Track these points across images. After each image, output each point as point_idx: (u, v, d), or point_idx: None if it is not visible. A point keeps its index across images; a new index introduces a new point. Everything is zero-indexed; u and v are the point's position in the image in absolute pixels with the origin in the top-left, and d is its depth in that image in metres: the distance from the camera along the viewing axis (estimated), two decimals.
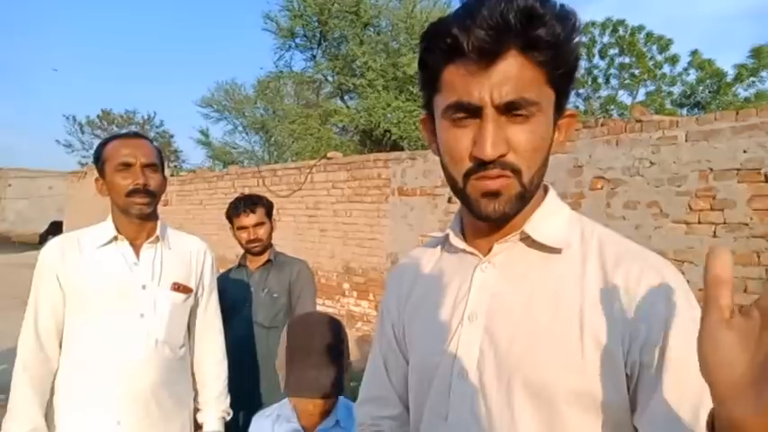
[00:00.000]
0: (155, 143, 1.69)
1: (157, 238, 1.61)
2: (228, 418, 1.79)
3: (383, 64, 13.61)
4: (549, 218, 0.79)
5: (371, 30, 14.75)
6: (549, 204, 0.81)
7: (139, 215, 1.53)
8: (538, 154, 0.72)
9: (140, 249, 1.58)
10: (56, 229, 20.97)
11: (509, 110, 0.69)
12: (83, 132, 26.43)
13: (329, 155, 7.59)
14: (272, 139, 24.15)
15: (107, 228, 1.57)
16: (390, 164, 6.59)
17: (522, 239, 0.78)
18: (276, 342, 2.32)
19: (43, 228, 22.85)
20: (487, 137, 0.68)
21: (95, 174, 1.62)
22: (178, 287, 1.61)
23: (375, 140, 13.45)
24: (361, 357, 5.87)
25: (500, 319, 0.76)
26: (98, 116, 26.60)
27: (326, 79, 15.58)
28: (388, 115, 13.00)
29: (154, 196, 1.54)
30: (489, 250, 0.80)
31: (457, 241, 0.84)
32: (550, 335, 0.72)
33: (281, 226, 8.45)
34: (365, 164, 6.94)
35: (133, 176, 1.49)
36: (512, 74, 0.67)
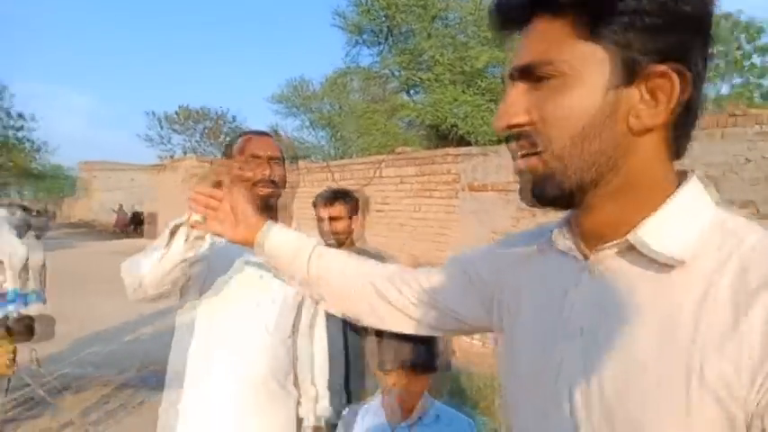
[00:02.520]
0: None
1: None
2: (328, 415, 1.83)
3: (450, 58, 13.46)
4: (675, 221, 0.62)
5: (439, 23, 14.62)
6: (679, 204, 0.62)
7: (262, 205, 1.56)
8: (565, 124, 0.60)
9: None
10: (136, 219, 22.37)
11: (529, 74, 0.62)
12: (162, 127, 27.93)
13: (398, 150, 7.62)
14: (339, 134, 24.54)
15: None
16: (461, 159, 6.53)
17: (628, 247, 0.64)
18: (357, 338, 2.38)
19: (126, 218, 24.26)
20: (499, 107, 0.64)
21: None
22: None
23: (441, 135, 13.36)
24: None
25: (600, 340, 0.64)
26: (176, 112, 28.03)
27: (393, 74, 15.62)
28: (455, 110, 12.87)
29: (277, 187, 1.62)
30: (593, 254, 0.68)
31: (560, 240, 0.73)
32: (653, 374, 0.58)
33: None
34: (435, 159, 6.92)
35: (260, 168, 1.58)
36: (533, 38, 0.62)
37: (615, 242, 0.64)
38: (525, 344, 0.76)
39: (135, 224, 22.18)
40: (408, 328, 0.95)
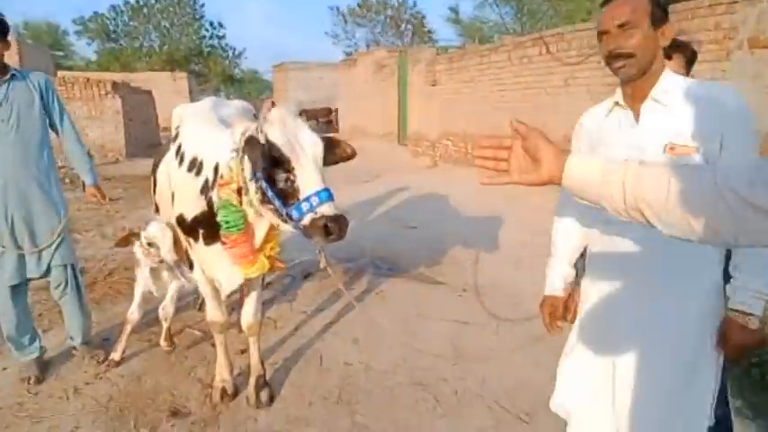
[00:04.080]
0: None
1: (652, 98, 1.48)
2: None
3: None
4: None
5: None
6: None
7: (625, 78, 1.47)
8: None
9: (639, 111, 1.50)
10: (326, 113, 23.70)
11: None
12: (346, 22, 28.12)
13: None
14: (525, 8, 22.32)
15: (614, 96, 1.57)
16: (738, 7, 5.01)
17: None
18: None
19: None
20: None
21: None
22: (673, 148, 1.42)
23: None
24: None
25: None
26: (358, 5, 27.88)
27: None
28: None
29: (631, 56, 1.42)
30: None
31: None
32: None
33: (569, 99, 7.57)
34: (695, 12, 5.45)
35: (607, 43, 1.45)
36: None
37: None
38: None
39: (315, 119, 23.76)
40: None
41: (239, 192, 2.09)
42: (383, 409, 2.64)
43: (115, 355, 3.08)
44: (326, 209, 1.82)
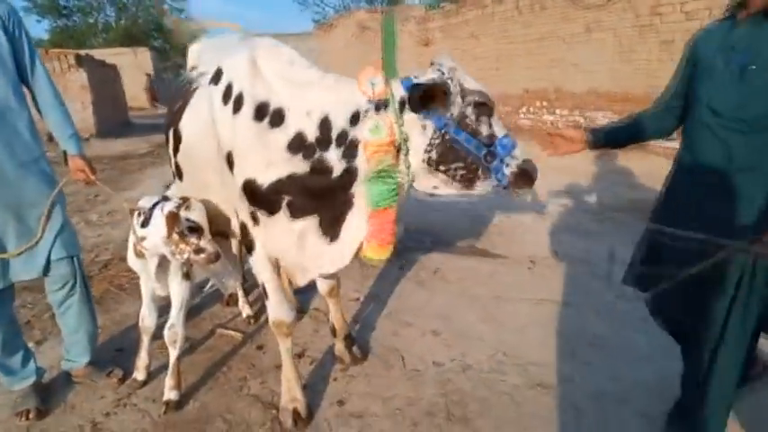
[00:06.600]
0: None
1: None
2: None
3: None
4: None
5: None
6: None
7: None
8: None
9: None
10: None
11: None
12: None
13: None
14: None
15: None
16: None
17: None
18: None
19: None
20: None
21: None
22: None
23: None
24: None
25: None
26: None
27: None
28: None
29: None
30: None
31: None
32: None
33: (592, 48, 6.98)
34: None
35: None
36: None
37: None
38: None
39: None
40: None
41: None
42: (514, 425, 2.05)
43: (138, 375, 2.40)
44: (521, 153, 1.67)
